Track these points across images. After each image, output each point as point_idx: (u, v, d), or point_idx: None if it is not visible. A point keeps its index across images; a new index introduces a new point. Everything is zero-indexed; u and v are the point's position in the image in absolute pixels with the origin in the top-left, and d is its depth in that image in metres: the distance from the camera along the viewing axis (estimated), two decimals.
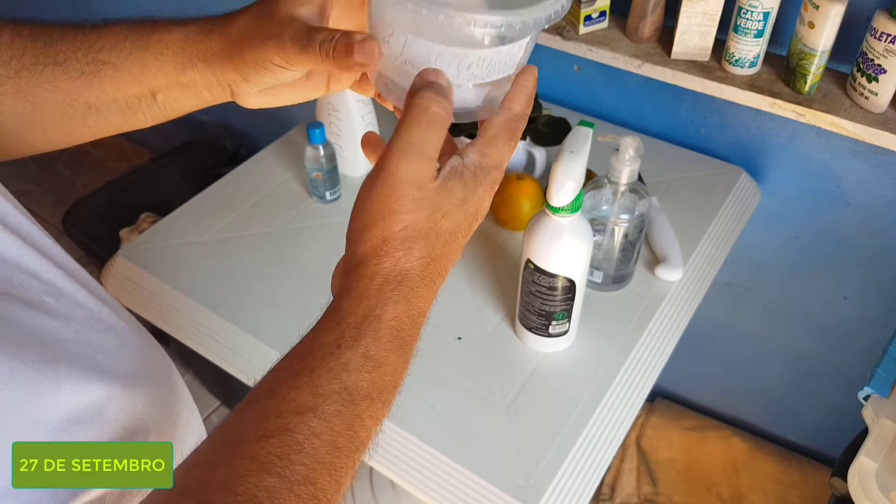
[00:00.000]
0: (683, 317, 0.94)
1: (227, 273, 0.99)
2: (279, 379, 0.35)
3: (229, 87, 0.44)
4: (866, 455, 0.78)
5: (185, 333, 0.95)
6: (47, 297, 0.41)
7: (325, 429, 0.33)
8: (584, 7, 0.97)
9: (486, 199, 0.40)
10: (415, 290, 0.37)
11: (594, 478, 0.78)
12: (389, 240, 0.37)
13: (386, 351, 0.36)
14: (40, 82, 0.44)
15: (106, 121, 0.46)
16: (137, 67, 0.44)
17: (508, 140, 0.40)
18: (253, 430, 0.33)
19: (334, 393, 0.34)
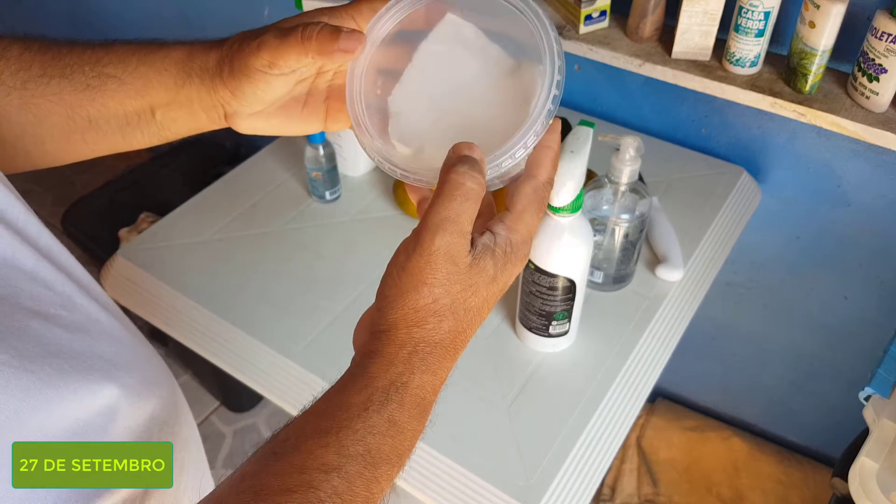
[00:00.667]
0: (684, 317, 0.94)
1: (226, 273, 0.99)
2: (305, 435, 0.36)
3: (221, 106, 0.45)
4: (867, 455, 0.78)
5: (184, 333, 0.95)
6: (62, 311, 0.41)
7: (346, 489, 0.34)
8: (584, 6, 0.97)
9: (514, 274, 0.41)
10: (440, 362, 0.39)
11: (595, 478, 0.78)
12: (420, 310, 0.38)
13: (409, 418, 0.37)
14: (45, 94, 0.44)
15: (105, 137, 0.47)
16: (140, 82, 0.44)
17: (537, 211, 0.41)
18: (277, 482, 0.33)
19: (358, 455, 0.35)
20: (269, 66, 0.41)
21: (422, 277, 0.37)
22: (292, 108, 0.46)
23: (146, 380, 0.46)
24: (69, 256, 0.46)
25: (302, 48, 0.40)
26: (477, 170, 0.38)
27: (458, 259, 0.38)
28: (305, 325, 0.91)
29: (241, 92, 0.43)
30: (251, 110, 0.45)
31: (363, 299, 0.93)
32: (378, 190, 1.12)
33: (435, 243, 0.37)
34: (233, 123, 0.46)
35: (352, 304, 0.93)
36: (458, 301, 0.38)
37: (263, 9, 1.52)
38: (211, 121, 0.46)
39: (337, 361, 0.94)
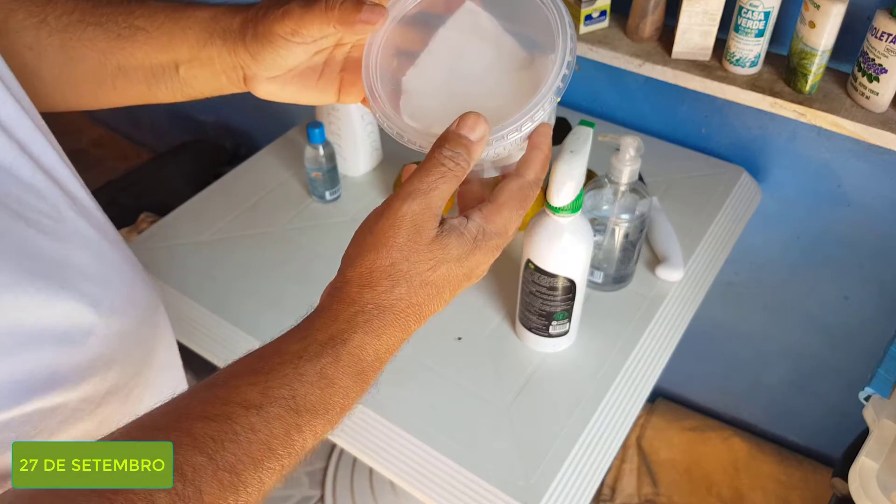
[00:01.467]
0: (684, 317, 0.94)
1: (226, 273, 0.99)
2: (238, 373, 0.37)
3: (241, 68, 0.46)
4: (867, 455, 0.78)
5: (184, 333, 0.95)
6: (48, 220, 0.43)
7: (263, 426, 0.35)
8: (584, 6, 0.97)
9: (482, 263, 0.41)
10: (386, 327, 0.39)
11: (595, 478, 0.78)
12: (375, 271, 0.38)
13: (342, 374, 0.37)
14: (82, 38, 0.47)
15: (133, 86, 0.49)
16: (166, 37, 0.47)
17: (517, 208, 0.42)
18: (199, 409, 0.35)
19: (282, 398, 0.36)
20: (291, 33, 0.43)
21: (383, 239, 0.38)
22: (308, 76, 0.47)
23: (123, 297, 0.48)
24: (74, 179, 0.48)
25: (325, 17, 0.41)
26: (462, 156, 0.39)
27: (422, 229, 0.38)
28: None
29: (262, 56, 0.44)
30: (269, 74, 0.46)
31: None
32: (378, 190, 1.12)
33: (402, 209, 0.38)
34: (251, 87, 0.47)
35: None
36: (415, 271, 0.38)
37: None
38: (231, 82, 0.48)
39: None
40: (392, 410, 0.82)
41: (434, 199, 0.39)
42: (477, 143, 0.40)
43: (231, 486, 0.33)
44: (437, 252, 0.39)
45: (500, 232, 0.41)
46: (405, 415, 0.81)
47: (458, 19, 0.44)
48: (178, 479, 0.32)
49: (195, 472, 0.32)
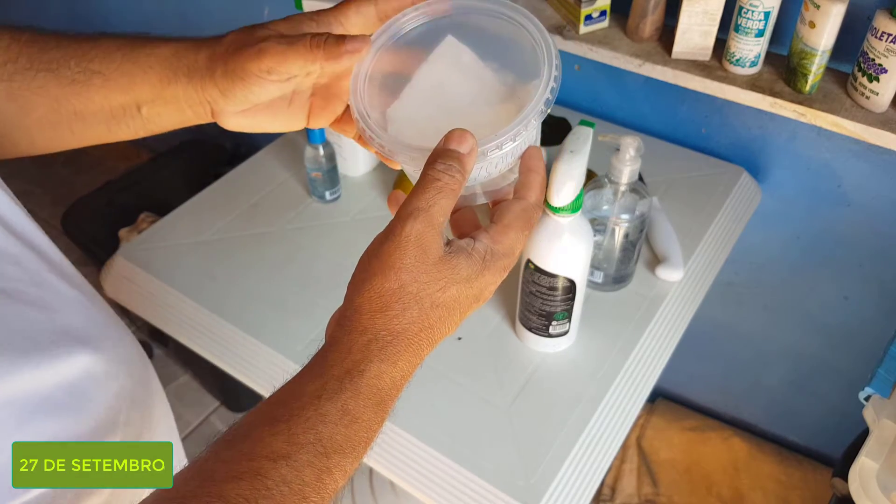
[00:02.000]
0: (684, 317, 0.94)
1: (226, 273, 0.99)
2: (257, 423, 0.36)
3: (209, 104, 0.45)
4: (867, 455, 0.78)
5: (183, 334, 0.95)
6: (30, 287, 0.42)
7: (294, 478, 0.33)
8: (584, 6, 0.97)
9: (491, 284, 0.40)
10: (401, 353, 0.38)
11: (595, 478, 0.78)
12: (384, 295, 0.37)
13: (364, 408, 0.36)
14: (31, 86, 0.45)
15: (91, 129, 0.47)
16: (125, 79, 0.45)
17: (523, 229, 0.41)
18: (225, 469, 0.33)
19: (308, 444, 0.34)
20: (267, 71, 0.42)
21: (390, 262, 0.37)
22: (278, 106, 0.46)
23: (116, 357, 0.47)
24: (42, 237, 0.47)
25: (311, 55, 0.41)
26: (455, 168, 0.39)
27: (428, 249, 0.38)
28: (305, 325, 0.91)
29: (232, 93, 0.43)
30: (239, 109, 0.45)
31: None
32: (378, 190, 1.12)
33: (405, 230, 0.37)
34: (219, 120, 0.46)
35: None
36: (426, 292, 0.38)
37: (263, 9, 1.52)
38: (197, 116, 0.46)
39: None
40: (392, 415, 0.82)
41: (435, 216, 0.38)
42: (467, 154, 0.39)
43: None
44: (445, 272, 0.38)
45: (507, 253, 0.41)
46: (405, 415, 0.81)
47: (441, 54, 0.45)
48: None
49: None
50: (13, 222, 0.44)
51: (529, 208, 0.42)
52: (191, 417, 1.73)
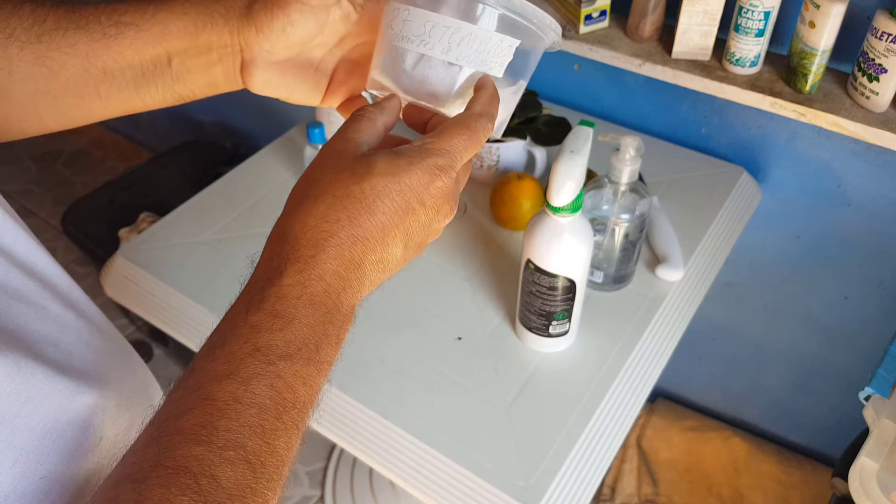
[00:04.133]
0: (684, 317, 0.94)
1: (226, 273, 0.99)
2: (198, 357, 0.35)
3: (241, 52, 0.45)
4: (867, 455, 0.78)
5: (184, 333, 0.95)
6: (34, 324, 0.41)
7: (244, 392, 0.33)
8: (584, 6, 0.97)
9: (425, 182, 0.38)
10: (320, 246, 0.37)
11: (595, 478, 0.78)
12: (299, 195, 0.38)
13: (294, 307, 0.36)
14: (61, 45, 0.44)
15: (119, 91, 0.46)
16: (159, 28, 0.44)
17: (462, 134, 0.40)
18: (176, 407, 0.33)
19: (247, 356, 0.34)
20: None
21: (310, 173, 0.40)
22: (306, 68, 0.47)
23: (127, 390, 0.46)
24: (50, 263, 0.45)
25: None
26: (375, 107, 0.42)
27: (342, 152, 0.39)
28: None
29: (270, 28, 0.43)
30: (271, 57, 0.45)
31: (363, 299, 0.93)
32: None
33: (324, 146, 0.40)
34: (248, 74, 0.46)
35: None
36: (336, 184, 0.38)
37: None
38: (226, 73, 0.46)
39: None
40: (392, 410, 0.82)
41: (349, 131, 0.40)
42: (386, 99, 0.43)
43: (242, 459, 0.32)
44: (357, 166, 0.38)
45: (440, 152, 0.39)
46: (405, 415, 0.81)
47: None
48: (188, 476, 0.30)
49: (200, 463, 0.31)
50: (17, 251, 0.43)
51: (471, 115, 0.41)
52: None
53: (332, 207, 0.37)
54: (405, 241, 0.39)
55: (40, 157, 2.37)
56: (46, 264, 0.45)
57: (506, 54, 0.43)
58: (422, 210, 0.39)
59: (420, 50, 0.42)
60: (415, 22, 0.42)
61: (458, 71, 0.43)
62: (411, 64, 0.43)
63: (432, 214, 0.40)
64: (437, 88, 0.43)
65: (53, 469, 0.37)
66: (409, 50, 0.43)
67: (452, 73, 0.43)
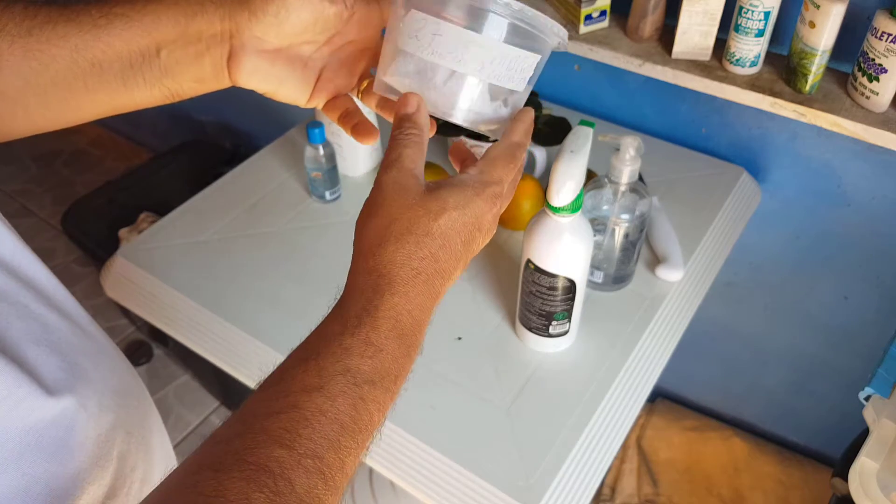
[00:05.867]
0: (684, 317, 0.94)
1: (226, 273, 0.99)
2: (288, 366, 0.38)
3: (230, 39, 0.45)
4: (867, 455, 0.78)
5: (184, 333, 0.95)
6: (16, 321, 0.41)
7: (330, 407, 0.35)
8: (584, 6, 0.97)
9: (486, 210, 0.42)
10: (410, 284, 0.40)
11: (595, 478, 0.78)
12: (380, 234, 0.40)
13: (386, 339, 0.38)
14: (51, 38, 0.44)
15: (106, 84, 0.46)
16: (149, 17, 0.44)
17: (508, 162, 0.44)
18: (264, 407, 0.35)
19: (338, 374, 0.36)
20: None
21: (378, 203, 0.41)
22: (296, 62, 0.47)
23: (109, 389, 0.46)
24: (35, 263, 0.46)
25: None
26: (409, 126, 0.43)
27: (407, 187, 0.41)
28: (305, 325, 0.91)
29: (264, 11, 0.44)
30: (261, 45, 0.45)
31: None
32: None
33: (383, 178, 0.41)
34: (237, 63, 0.45)
35: None
36: (416, 223, 0.40)
37: None
38: (214, 65, 0.46)
39: None
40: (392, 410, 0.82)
41: (405, 161, 0.41)
42: (416, 112, 0.43)
43: (316, 470, 0.34)
44: (431, 203, 0.40)
45: (495, 181, 0.43)
46: (405, 415, 0.81)
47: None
48: (267, 476, 0.32)
49: (280, 465, 0.33)
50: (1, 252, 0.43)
51: (513, 145, 0.45)
52: (191, 417, 1.73)
53: (417, 246, 0.40)
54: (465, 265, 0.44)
55: (40, 156, 2.37)
56: (31, 264, 0.46)
57: (528, 70, 0.45)
58: (479, 235, 0.43)
59: (453, 67, 0.43)
60: (448, 39, 0.43)
61: (485, 88, 0.45)
62: (442, 80, 0.44)
63: (485, 237, 0.44)
64: (464, 104, 0.45)
65: (36, 467, 0.38)
66: (440, 66, 0.43)
67: (481, 89, 0.45)
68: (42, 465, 0.38)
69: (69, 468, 0.41)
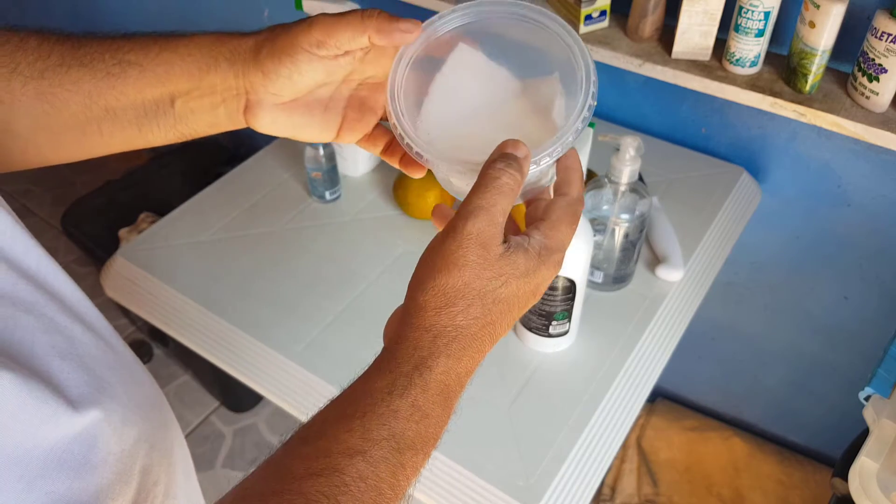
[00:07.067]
0: (684, 317, 0.94)
1: (226, 273, 0.99)
2: (331, 420, 0.36)
3: (246, 94, 0.44)
4: (867, 455, 0.78)
5: (184, 333, 0.95)
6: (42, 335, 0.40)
7: (371, 474, 0.34)
8: (584, 6, 0.97)
9: (547, 279, 0.41)
10: (465, 350, 0.38)
11: (595, 478, 0.78)
12: (449, 292, 0.38)
13: (433, 403, 0.37)
14: (64, 83, 0.44)
15: (121, 129, 0.46)
16: (163, 68, 0.44)
17: (571, 223, 0.42)
18: (303, 466, 0.34)
19: (383, 439, 0.35)
20: (317, 44, 0.42)
21: (453, 259, 0.38)
22: (314, 108, 0.46)
23: (133, 403, 0.45)
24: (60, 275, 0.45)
25: (361, 25, 0.42)
26: (514, 167, 0.39)
27: (489, 246, 0.38)
28: (306, 325, 0.91)
29: (277, 73, 0.43)
30: (277, 99, 0.45)
31: (363, 299, 0.93)
32: (378, 190, 1.12)
33: (467, 227, 0.38)
34: (253, 115, 0.45)
35: (352, 304, 0.93)
36: (488, 289, 0.38)
37: (263, 10, 1.52)
38: (229, 114, 0.46)
39: (337, 361, 0.94)
40: None
41: (496, 215, 0.39)
42: (524, 158, 0.40)
43: None
44: (506, 268, 0.39)
45: (559, 248, 0.41)
46: None
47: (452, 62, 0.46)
48: None
49: None
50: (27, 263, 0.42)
51: (574, 202, 0.43)
52: (191, 417, 1.73)
53: (482, 312, 0.38)
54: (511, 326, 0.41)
55: None
56: (56, 276, 0.45)
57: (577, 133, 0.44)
58: (533, 300, 0.41)
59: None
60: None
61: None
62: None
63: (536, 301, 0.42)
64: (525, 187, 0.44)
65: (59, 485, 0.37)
66: None
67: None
68: (66, 483, 0.37)
69: (92, 485, 0.39)
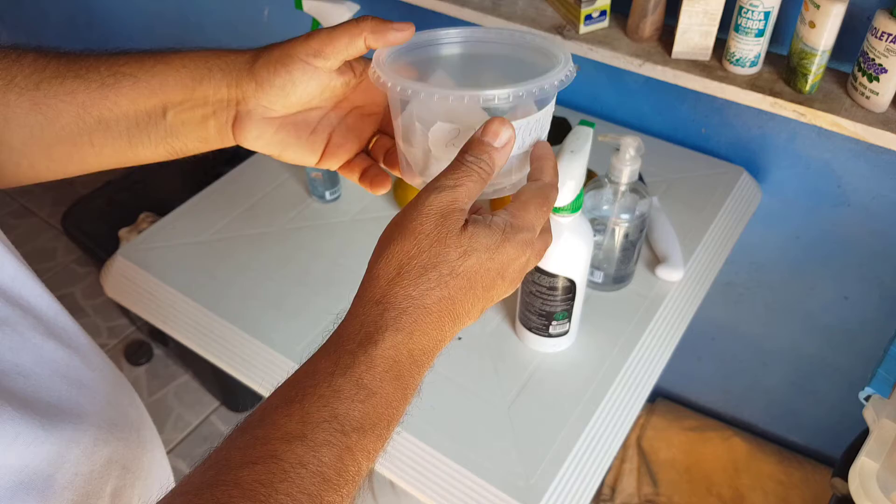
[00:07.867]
0: (684, 317, 0.94)
1: (226, 273, 0.99)
2: (272, 406, 0.34)
3: (236, 105, 0.45)
4: (867, 455, 0.78)
5: (184, 333, 0.95)
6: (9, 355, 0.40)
7: (312, 459, 0.32)
8: (584, 6, 0.97)
9: (515, 258, 0.39)
10: (418, 323, 0.36)
11: (595, 478, 0.78)
12: (403, 262, 0.37)
13: (380, 381, 0.35)
14: (58, 93, 0.44)
15: (112, 141, 0.46)
16: (157, 79, 0.45)
17: (541, 205, 0.41)
18: (240, 455, 0.32)
19: (324, 421, 0.33)
20: (315, 53, 0.43)
21: (410, 227, 0.37)
22: (302, 129, 0.47)
23: (107, 423, 0.45)
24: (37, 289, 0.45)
25: (357, 29, 0.42)
26: (485, 160, 0.39)
27: (449, 219, 0.38)
28: (305, 325, 0.91)
29: (270, 83, 0.43)
30: (267, 112, 0.45)
31: None
32: None
33: (429, 200, 0.38)
34: (241, 127, 0.46)
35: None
36: (445, 259, 0.37)
37: (263, 9, 1.52)
38: (219, 127, 0.46)
39: None
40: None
41: (460, 194, 0.38)
42: (501, 149, 0.40)
43: None
44: (464, 241, 0.37)
45: (527, 227, 0.40)
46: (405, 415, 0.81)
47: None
48: None
49: None
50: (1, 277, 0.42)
51: (545, 186, 0.42)
52: (191, 417, 1.73)
53: (437, 284, 0.37)
54: (481, 313, 0.40)
55: None
56: (32, 291, 0.44)
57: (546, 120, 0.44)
58: (501, 283, 0.39)
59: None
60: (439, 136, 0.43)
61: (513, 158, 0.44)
62: None
63: (508, 287, 0.40)
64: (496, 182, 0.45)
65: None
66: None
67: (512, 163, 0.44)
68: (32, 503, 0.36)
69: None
